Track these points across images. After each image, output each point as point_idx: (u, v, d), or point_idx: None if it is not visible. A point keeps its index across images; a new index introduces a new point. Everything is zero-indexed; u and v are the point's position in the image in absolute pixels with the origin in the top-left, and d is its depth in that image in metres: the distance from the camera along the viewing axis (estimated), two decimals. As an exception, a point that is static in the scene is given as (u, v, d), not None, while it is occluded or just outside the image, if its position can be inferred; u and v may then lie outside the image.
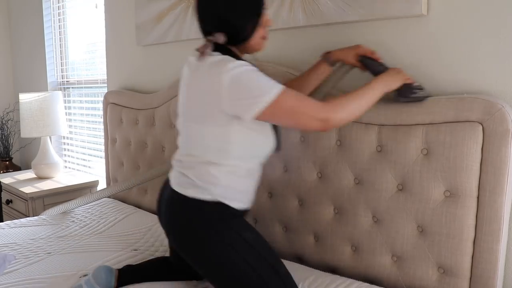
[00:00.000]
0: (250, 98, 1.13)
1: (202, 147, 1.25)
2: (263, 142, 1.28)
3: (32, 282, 1.51)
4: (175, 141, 2.15)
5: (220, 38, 1.21)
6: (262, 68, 1.75)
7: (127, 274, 1.48)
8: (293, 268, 1.40)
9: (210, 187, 1.24)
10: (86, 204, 2.25)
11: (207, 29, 1.25)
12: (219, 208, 1.25)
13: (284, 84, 1.20)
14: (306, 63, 1.71)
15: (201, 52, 1.20)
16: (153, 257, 1.65)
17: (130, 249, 1.81)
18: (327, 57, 1.47)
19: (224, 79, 1.13)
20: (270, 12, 1.75)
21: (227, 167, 1.25)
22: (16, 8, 3.63)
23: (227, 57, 1.19)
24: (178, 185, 1.29)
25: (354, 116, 1.23)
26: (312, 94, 1.47)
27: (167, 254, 1.61)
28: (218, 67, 1.16)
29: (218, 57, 1.20)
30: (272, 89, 1.14)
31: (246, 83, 1.15)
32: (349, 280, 1.42)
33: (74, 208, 2.27)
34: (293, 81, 1.53)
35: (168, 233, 1.35)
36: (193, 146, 1.28)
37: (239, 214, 1.30)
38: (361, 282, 1.41)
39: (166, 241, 1.86)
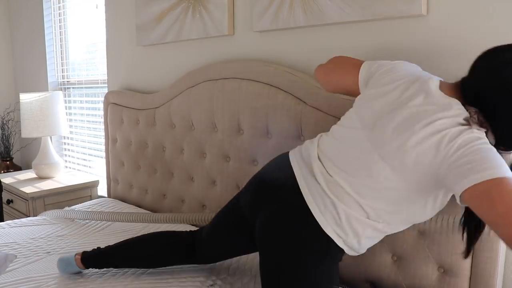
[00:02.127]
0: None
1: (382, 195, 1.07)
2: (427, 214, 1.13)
3: (32, 282, 1.51)
4: (175, 141, 2.15)
5: (490, 139, 0.99)
6: (263, 68, 1.76)
7: (94, 253, 1.54)
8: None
9: (352, 237, 1.11)
10: (87, 219, 2.13)
11: (485, 108, 1.00)
12: (336, 249, 1.14)
13: None
14: (306, 63, 1.71)
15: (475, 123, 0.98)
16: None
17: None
18: None
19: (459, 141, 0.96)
20: (270, 12, 1.76)
21: (382, 224, 1.11)
22: (17, 8, 3.63)
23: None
24: (321, 214, 1.11)
25: None
26: None
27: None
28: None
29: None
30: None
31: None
32: None
33: (73, 218, 2.19)
34: None
35: (268, 232, 1.19)
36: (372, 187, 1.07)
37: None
38: None
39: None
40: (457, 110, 1.01)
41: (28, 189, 2.72)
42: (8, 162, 3.55)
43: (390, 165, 1.05)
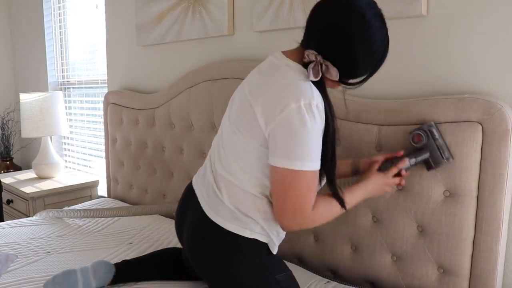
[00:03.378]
0: (279, 148, 1.06)
1: (256, 170, 1.12)
2: None
3: (31, 282, 1.51)
4: (175, 141, 2.15)
5: (333, 74, 1.07)
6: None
7: (123, 271, 1.46)
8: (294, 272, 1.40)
9: (251, 222, 1.15)
10: (82, 217, 2.16)
11: (322, 48, 1.07)
12: (255, 245, 1.17)
13: None
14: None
15: (314, 72, 1.06)
16: (150, 252, 1.60)
17: (126, 243, 1.84)
18: (354, 165, 1.35)
19: (281, 115, 1.04)
20: (270, 12, 1.76)
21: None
22: (17, 8, 3.63)
23: (317, 93, 1.06)
24: (216, 214, 1.17)
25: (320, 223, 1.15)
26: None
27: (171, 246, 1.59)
28: (288, 96, 1.04)
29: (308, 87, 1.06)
30: (308, 162, 1.05)
31: (290, 133, 1.04)
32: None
33: (68, 217, 2.19)
34: None
35: (193, 259, 1.24)
36: (242, 164, 1.13)
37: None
38: None
39: (161, 236, 1.87)
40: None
41: (28, 189, 2.72)
42: (8, 162, 3.55)
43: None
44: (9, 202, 2.93)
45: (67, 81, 3.34)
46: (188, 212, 1.27)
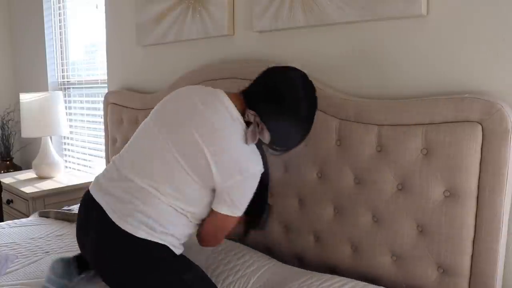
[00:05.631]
0: (230, 201, 1.24)
1: (193, 202, 1.26)
2: None
3: (31, 282, 1.51)
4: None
5: (266, 137, 1.24)
6: (263, 68, 1.76)
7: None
8: (292, 272, 1.41)
9: (164, 232, 1.23)
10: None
11: (260, 111, 1.25)
12: (163, 250, 1.24)
13: None
14: (306, 63, 1.71)
15: (252, 136, 1.23)
16: None
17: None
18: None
19: (240, 177, 1.21)
20: (270, 12, 1.76)
21: (189, 213, 1.27)
22: (17, 8, 3.63)
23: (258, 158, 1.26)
24: (126, 223, 1.21)
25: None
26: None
27: None
28: (247, 164, 1.22)
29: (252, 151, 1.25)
30: (243, 209, 1.28)
31: (244, 191, 1.25)
32: (346, 279, 1.42)
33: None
34: None
35: (101, 268, 1.29)
36: (170, 181, 1.23)
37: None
38: (357, 281, 1.41)
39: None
40: None
41: (28, 189, 2.72)
42: (8, 162, 3.55)
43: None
44: (9, 202, 2.93)
45: (67, 81, 3.35)
46: (91, 223, 1.29)
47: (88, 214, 1.31)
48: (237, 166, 1.21)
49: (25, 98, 2.86)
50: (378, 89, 1.51)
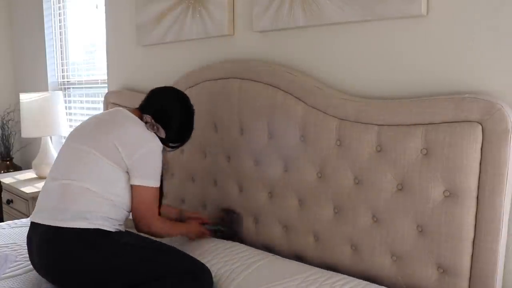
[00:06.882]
0: (138, 173, 1.50)
1: (93, 176, 1.46)
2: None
3: (32, 282, 1.51)
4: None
5: (162, 133, 1.57)
6: (263, 68, 1.77)
7: None
8: (292, 267, 1.41)
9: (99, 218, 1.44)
10: None
11: (155, 116, 1.58)
12: (98, 232, 1.43)
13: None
14: (306, 63, 1.71)
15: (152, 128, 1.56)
16: None
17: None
18: (181, 214, 1.84)
19: (142, 150, 1.50)
20: (270, 12, 1.76)
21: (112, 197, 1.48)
22: (17, 8, 3.63)
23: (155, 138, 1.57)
24: (63, 221, 1.40)
25: (157, 235, 1.59)
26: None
27: None
28: (145, 140, 1.53)
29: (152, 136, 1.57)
30: (155, 180, 1.53)
31: (148, 162, 1.52)
32: (348, 278, 1.43)
33: None
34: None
35: (58, 273, 1.44)
36: (84, 173, 1.46)
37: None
38: (359, 280, 1.41)
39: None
40: None
41: (28, 189, 2.72)
42: (8, 162, 3.55)
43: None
44: (9, 202, 2.93)
45: (67, 81, 3.35)
46: (34, 241, 1.47)
47: (32, 244, 1.48)
48: (137, 143, 1.50)
49: (25, 98, 2.86)
50: (378, 89, 1.51)
